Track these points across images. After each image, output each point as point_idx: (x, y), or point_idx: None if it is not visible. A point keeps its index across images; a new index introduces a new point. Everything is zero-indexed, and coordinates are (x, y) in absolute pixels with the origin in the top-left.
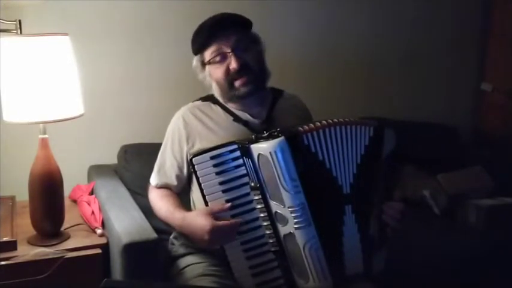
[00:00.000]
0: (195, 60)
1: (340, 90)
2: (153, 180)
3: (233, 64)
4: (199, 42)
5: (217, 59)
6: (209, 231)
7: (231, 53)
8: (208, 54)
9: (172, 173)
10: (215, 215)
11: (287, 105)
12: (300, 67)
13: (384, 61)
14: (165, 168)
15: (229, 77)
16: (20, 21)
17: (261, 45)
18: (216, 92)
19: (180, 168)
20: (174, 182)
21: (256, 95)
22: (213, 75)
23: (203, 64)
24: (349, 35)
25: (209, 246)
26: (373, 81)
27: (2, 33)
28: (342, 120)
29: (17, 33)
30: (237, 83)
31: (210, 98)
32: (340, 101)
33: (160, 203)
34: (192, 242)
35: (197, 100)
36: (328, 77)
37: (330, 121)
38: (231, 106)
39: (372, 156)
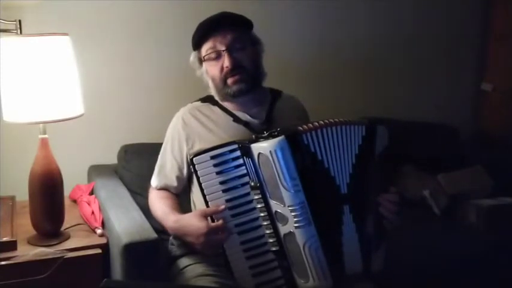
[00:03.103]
0: (192, 56)
1: (340, 90)
2: (154, 181)
3: (226, 62)
4: (196, 38)
5: (213, 56)
6: (205, 233)
7: (225, 51)
8: (204, 50)
9: (173, 174)
10: (211, 217)
11: (286, 106)
12: (300, 67)
13: (384, 61)
14: (166, 169)
15: (223, 75)
16: (20, 21)
17: (260, 47)
18: (212, 91)
19: (180, 169)
20: (174, 183)
21: (249, 94)
22: (209, 73)
23: (200, 61)
24: (349, 35)
25: (203, 249)
26: (373, 81)
27: (2, 33)
28: (337, 120)
29: (17, 33)
30: (230, 81)
31: (209, 99)
32: (340, 101)
33: (157, 204)
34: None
35: (196, 101)
36: (328, 77)
37: (327, 121)
38: (230, 107)
39: (366, 155)
